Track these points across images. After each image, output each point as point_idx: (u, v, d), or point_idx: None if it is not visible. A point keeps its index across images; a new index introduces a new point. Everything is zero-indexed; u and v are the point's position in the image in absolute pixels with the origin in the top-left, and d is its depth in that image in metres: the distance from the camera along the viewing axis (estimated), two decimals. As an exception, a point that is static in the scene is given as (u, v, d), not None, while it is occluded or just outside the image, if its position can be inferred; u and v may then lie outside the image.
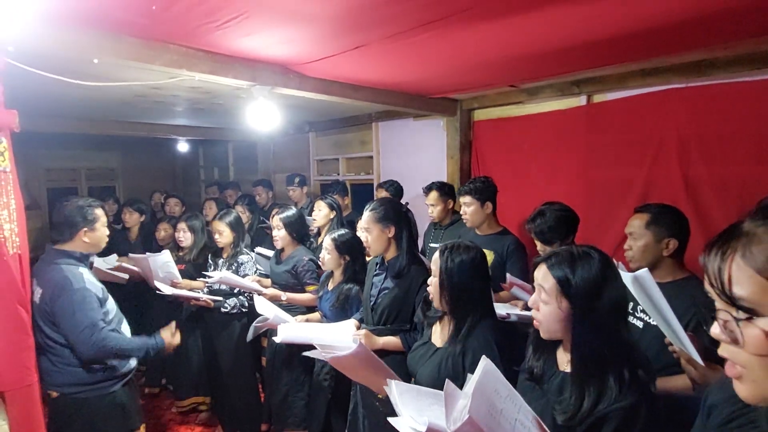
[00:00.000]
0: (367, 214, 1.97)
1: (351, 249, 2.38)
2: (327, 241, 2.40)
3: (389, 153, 4.34)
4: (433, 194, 2.94)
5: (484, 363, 1.11)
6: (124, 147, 6.77)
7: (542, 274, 1.18)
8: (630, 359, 1.06)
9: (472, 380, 1.09)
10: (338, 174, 4.92)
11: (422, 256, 2.08)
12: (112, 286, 2.57)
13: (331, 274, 2.46)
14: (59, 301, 1.76)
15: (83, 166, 6.63)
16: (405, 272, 1.89)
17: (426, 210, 3.06)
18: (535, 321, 1.20)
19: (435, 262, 1.54)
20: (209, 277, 2.75)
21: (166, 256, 2.92)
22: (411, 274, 1.88)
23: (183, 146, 6.09)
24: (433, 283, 1.54)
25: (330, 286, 2.43)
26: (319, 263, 2.51)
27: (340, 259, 2.38)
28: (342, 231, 2.45)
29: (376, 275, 2.03)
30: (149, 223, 4.97)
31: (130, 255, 3.04)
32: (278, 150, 5.83)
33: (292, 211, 2.83)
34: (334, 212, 3.18)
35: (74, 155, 6.50)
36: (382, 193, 3.50)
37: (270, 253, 3.09)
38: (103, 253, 2.86)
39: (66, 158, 6.46)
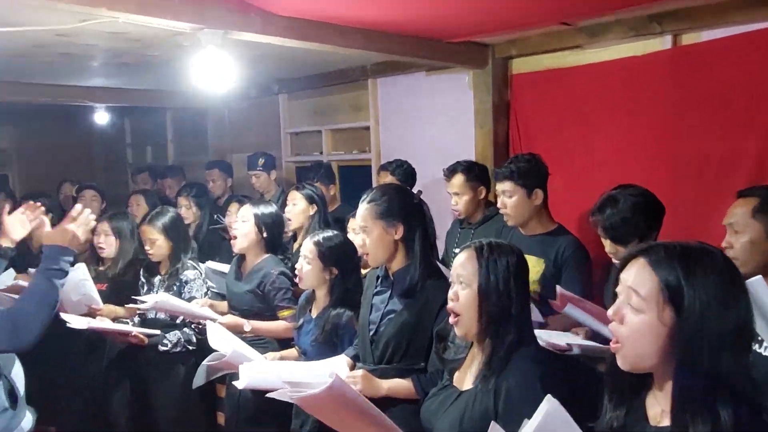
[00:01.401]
0: (363, 209, 1.98)
1: (340, 258, 2.40)
2: (306, 248, 2.42)
3: (393, 122, 4.38)
4: (458, 179, 2.96)
5: (548, 404, 1.11)
6: (19, 119, 6.80)
7: (637, 273, 1.09)
8: (750, 403, 1.00)
9: (528, 427, 1.10)
10: (321, 152, 4.97)
11: (442, 266, 2.10)
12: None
13: (313, 295, 2.48)
14: None
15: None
16: (418, 289, 1.91)
17: (448, 201, 3.08)
18: (613, 342, 1.11)
19: (464, 265, 1.55)
20: (141, 301, 2.79)
21: (80, 271, 2.95)
22: (427, 292, 1.90)
23: (102, 117, 6.14)
24: (461, 297, 1.56)
25: (313, 312, 2.45)
26: (295, 279, 2.53)
27: (325, 273, 2.39)
28: (327, 233, 2.47)
29: (377, 294, 2.04)
30: (57, 225, 5.02)
31: (31, 270, 3.07)
32: (236, 120, 5.88)
33: (271, 207, 2.87)
34: (315, 207, 3.20)
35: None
36: (386, 179, 3.54)
37: (225, 267, 3.12)
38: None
39: None
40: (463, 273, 1.55)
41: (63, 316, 2.73)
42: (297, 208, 3.17)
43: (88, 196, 4.40)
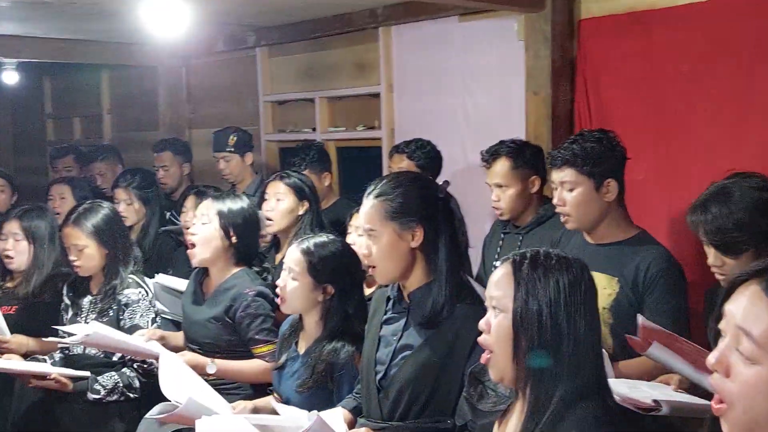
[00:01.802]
0: (370, 206, 2.01)
1: (338, 272, 2.43)
2: (292, 258, 2.45)
3: (412, 87, 4.38)
4: (502, 166, 2.97)
5: None
6: None
7: (750, 306, 1.06)
8: None
9: None
10: (313, 129, 5.00)
11: (477, 285, 2.11)
12: None
13: (300, 323, 2.50)
14: None
15: None
16: (444, 316, 1.92)
17: (485, 196, 3.08)
18: (715, 400, 1.09)
19: (498, 284, 1.55)
20: (65, 333, 2.80)
21: None
22: (456, 321, 1.91)
23: (11, 77, 6.19)
24: (494, 327, 1.57)
25: (300, 346, 2.46)
26: (277, 300, 2.55)
27: (317, 293, 2.42)
28: (320, 238, 2.50)
29: (387, 322, 2.06)
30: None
31: None
32: (198, 84, 5.90)
33: (243, 202, 2.88)
34: (306, 203, 3.23)
35: None
36: (401, 164, 3.57)
37: (182, 283, 3.15)
38: None
39: None
40: (496, 295, 1.56)
41: None
42: (281, 205, 3.19)
43: (-8, 186, 4.45)
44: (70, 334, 2.77)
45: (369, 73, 4.59)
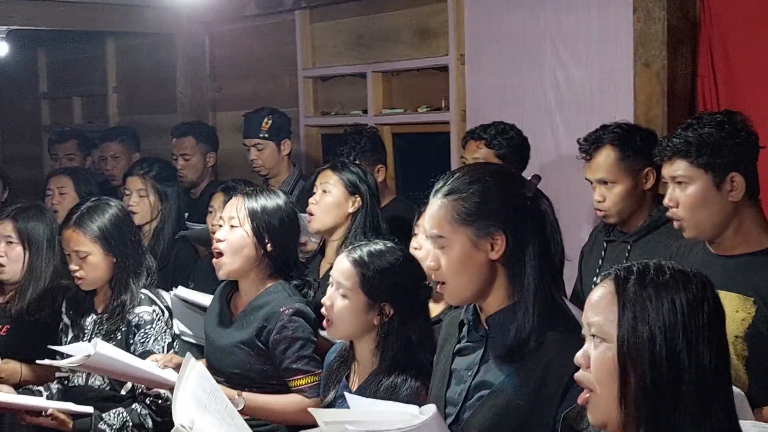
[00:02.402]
0: (437, 206, 2.00)
1: (398, 289, 2.43)
2: (342, 269, 2.46)
3: (490, 58, 4.35)
4: (606, 156, 2.97)
5: None
6: None
7: None
8: None
9: None
10: (364, 111, 5.02)
11: (574, 308, 2.10)
12: None
13: (351, 351, 2.52)
14: None
15: None
16: (532, 347, 1.91)
17: (583, 195, 3.10)
18: None
19: (597, 308, 1.54)
20: (63, 355, 2.86)
21: None
22: (546, 352, 1.90)
23: (0, 48, 6.36)
24: (593, 360, 1.56)
25: (352, 381, 2.48)
26: (324, 326, 2.56)
27: (372, 314, 2.43)
28: (376, 244, 2.51)
29: (460, 352, 2.06)
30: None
31: None
32: (224, 56, 5.97)
33: (276, 199, 2.89)
34: (359, 199, 3.27)
35: None
36: (477, 154, 3.58)
37: (207, 298, 3.19)
38: None
39: None
40: (595, 320, 1.55)
41: None
42: (327, 198, 3.23)
43: (-21, 179, 4.60)
44: (68, 356, 2.82)
45: (435, 40, 4.59)
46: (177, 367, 2.81)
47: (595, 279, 2.97)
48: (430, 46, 4.63)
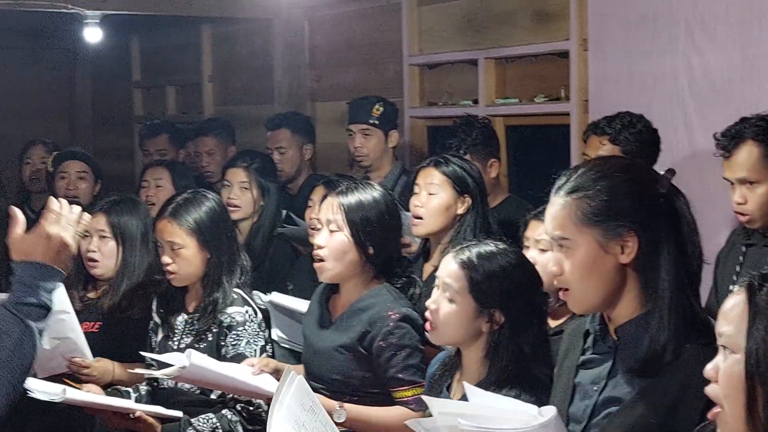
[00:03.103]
0: (560, 205, 1.98)
1: (511, 293, 2.41)
2: (449, 271, 2.44)
3: (615, 42, 4.29)
4: (748, 153, 2.91)
5: None
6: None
7: None
8: None
9: None
10: (474, 101, 5.00)
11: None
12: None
13: (456, 360, 2.51)
14: None
15: None
16: (667, 360, 1.89)
17: (722, 197, 3.03)
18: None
19: (727, 317, 1.53)
20: (153, 363, 2.91)
21: (58, 297, 3.07)
22: (684, 366, 1.87)
23: (94, 34, 6.54)
24: (722, 373, 1.54)
25: (455, 392, 2.47)
26: (426, 329, 2.55)
27: (481, 320, 2.41)
28: (488, 246, 2.48)
29: (585, 365, 2.04)
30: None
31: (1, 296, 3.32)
32: (325, 43, 6.04)
33: (376, 197, 2.89)
34: (468, 199, 3.26)
35: None
36: (602, 149, 3.53)
37: (303, 304, 3.22)
38: None
39: None
40: (726, 330, 1.53)
41: (31, 382, 2.86)
42: (434, 200, 3.21)
43: (71, 171, 4.74)
44: (162, 364, 2.88)
45: (554, 24, 4.55)
46: (273, 372, 2.87)
47: (731, 287, 2.89)
48: (549, 30, 4.58)
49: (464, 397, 2.37)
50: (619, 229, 1.91)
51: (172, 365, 2.84)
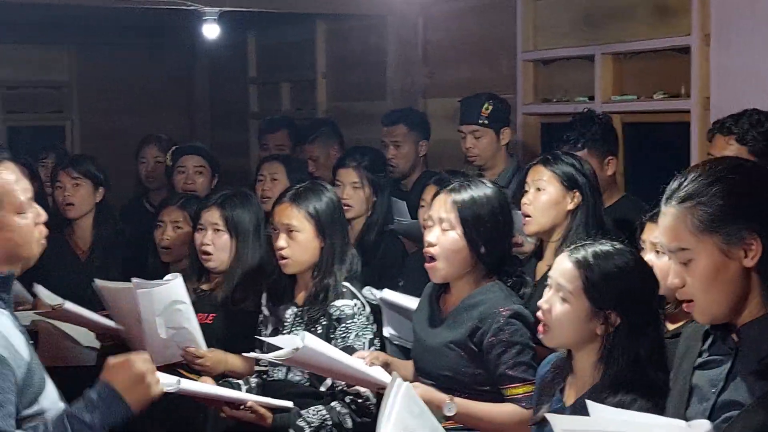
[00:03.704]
0: (677, 210, 1.92)
1: (628, 296, 2.37)
2: (563, 269, 2.41)
3: (741, 37, 4.15)
4: None
5: None
6: (85, 39, 7.61)
7: None
8: None
9: None
10: (589, 97, 4.92)
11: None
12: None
13: (568, 363, 2.48)
14: None
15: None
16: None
17: None
18: None
19: None
20: (265, 348, 2.95)
21: (174, 289, 3.21)
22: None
23: (212, 31, 6.66)
24: None
25: (567, 396, 2.44)
26: (539, 330, 2.50)
27: (596, 322, 2.37)
28: (604, 245, 2.44)
29: (703, 366, 1.99)
30: (131, 207, 5.43)
31: (99, 282, 3.41)
32: (438, 39, 6.02)
33: (488, 194, 2.87)
34: (578, 195, 3.20)
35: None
36: (726, 149, 3.42)
37: (413, 301, 3.22)
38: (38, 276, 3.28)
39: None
40: None
41: None
42: (542, 196, 3.18)
43: (189, 165, 4.86)
44: (274, 348, 2.91)
45: (675, 17, 4.44)
46: (384, 365, 2.89)
47: None
48: (669, 25, 4.47)
49: (577, 404, 2.38)
50: (741, 233, 1.87)
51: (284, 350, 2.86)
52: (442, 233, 2.85)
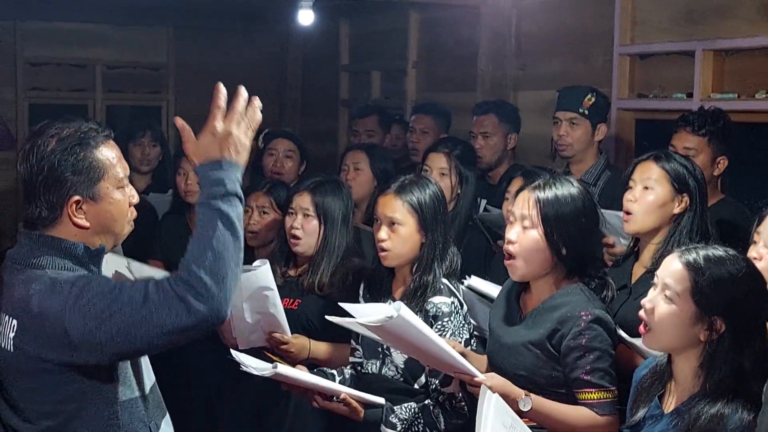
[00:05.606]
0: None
1: (736, 303, 2.28)
2: (671, 270, 2.34)
3: None
4: None
5: None
6: (181, 19, 7.72)
7: None
8: None
9: None
10: (688, 94, 4.73)
11: None
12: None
13: (668, 367, 2.41)
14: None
15: (98, 59, 7.88)
16: None
17: None
18: None
19: None
20: (354, 315, 2.88)
21: (262, 274, 3.21)
22: None
23: (306, 17, 6.65)
24: None
25: (667, 402, 2.38)
26: (640, 331, 2.43)
27: (699, 327, 2.29)
28: (716, 250, 2.36)
29: None
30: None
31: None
32: (532, 31, 5.94)
33: (573, 193, 2.77)
34: (686, 198, 3.09)
35: (81, 35, 7.68)
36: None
37: (494, 289, 3.19)
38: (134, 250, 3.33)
39: (62, 42, 7.66)
40: None
41: (234, 354, 3.00)
42: (650, 198, 3.08)
43: (280, 149, 4.85)
44: (364, 314, 2.81)
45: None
46: (473, 360, 2.83)
47: None
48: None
49: (680, 410, 2.31)
50: None
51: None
52: (523, 231, 2.78)
